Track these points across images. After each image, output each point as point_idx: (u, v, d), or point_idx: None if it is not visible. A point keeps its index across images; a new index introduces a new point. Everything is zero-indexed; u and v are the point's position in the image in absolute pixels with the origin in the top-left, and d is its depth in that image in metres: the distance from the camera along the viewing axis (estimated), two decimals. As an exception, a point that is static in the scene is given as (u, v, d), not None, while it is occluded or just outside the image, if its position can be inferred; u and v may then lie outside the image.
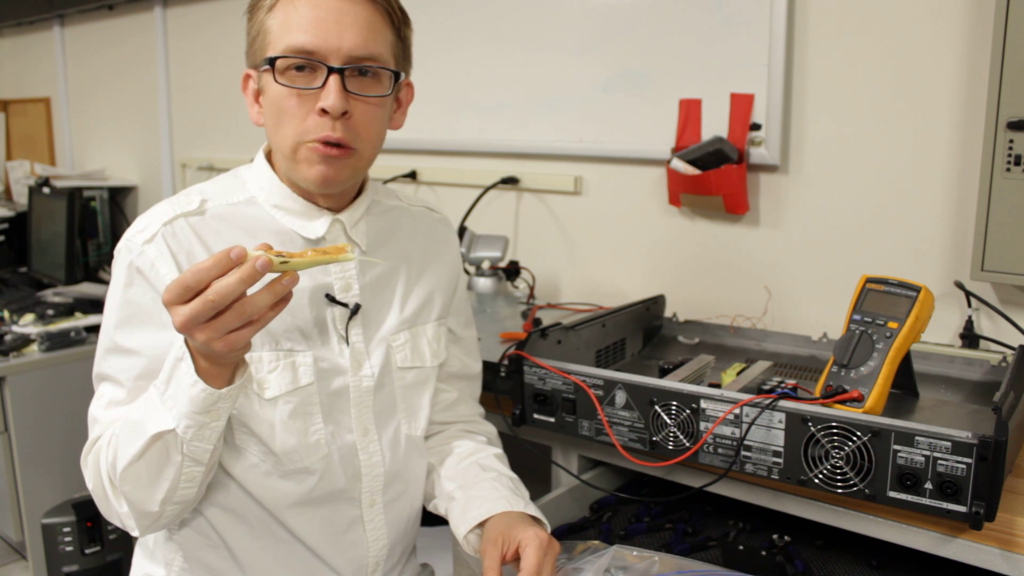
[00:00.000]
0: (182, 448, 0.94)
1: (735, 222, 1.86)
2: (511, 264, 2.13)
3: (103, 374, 1.06)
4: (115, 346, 1.04)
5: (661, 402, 1.17)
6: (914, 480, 0.99)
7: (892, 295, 1.17)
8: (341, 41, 1.01)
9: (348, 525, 1.15)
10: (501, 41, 2.18)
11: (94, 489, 1.04)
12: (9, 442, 2.47)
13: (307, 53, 1.00)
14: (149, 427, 0.93)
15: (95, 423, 1.05)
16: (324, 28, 1.00)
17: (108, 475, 1.00)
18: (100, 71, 3.72)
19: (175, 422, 0.92)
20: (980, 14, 1.49)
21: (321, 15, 1.01)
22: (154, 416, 0.94)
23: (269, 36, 1.03)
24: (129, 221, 3.53)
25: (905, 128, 1.60)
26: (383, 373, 1.15)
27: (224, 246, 1.00)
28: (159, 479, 0.97)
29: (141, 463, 0.95)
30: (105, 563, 2.37)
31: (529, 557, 1.00)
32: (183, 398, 0.91)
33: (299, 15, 1.01)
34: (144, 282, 1.02)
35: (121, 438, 0.97)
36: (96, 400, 1.06)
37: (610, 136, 2.02)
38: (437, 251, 1.26)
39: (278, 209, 1.10)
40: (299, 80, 1.02)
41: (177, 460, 0.95)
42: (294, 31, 1.01)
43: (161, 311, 0.98)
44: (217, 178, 1.15)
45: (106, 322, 1.06)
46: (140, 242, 1.03)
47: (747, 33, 1.75)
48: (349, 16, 1.02)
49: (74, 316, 2.67)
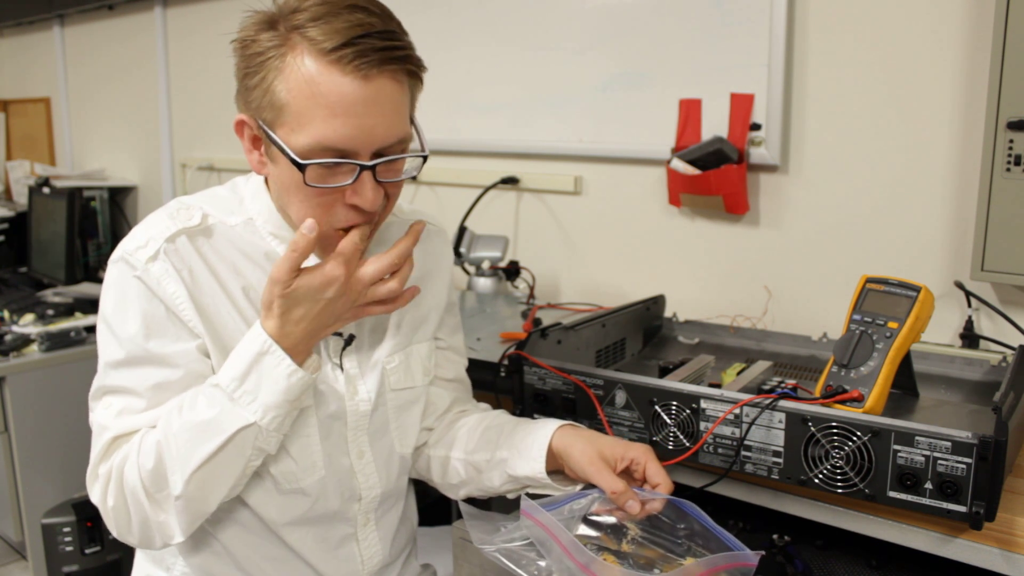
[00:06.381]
0: (255, 441, 0.96)
1: (735, 222, 1.86)
2: (511, 264, 2.13)
3: (112, 387, 1.02)
4: (140, 357, 1.00)
5: (661, 402, 1.17)
6: (914, 480, 0.99)
7: (892, 295, 1.17)
8: (373, 136, 0.93)
9: (341, 541, 1.15)
10: (501, 41, 2.18)
11: (115, 505, 0.99)
12: (9, 442, 2.47)
13: (338, 153, 0.92)
14: (227, 425, 0.94)
15: (104, 431, 1.01)
16: (353, 122, 0.91)
17: (146, 483, 0.97)
18: (100, 71, 3.72)
19: (257, 415, 0.95)
20: (980, 14, 1.49)
21: (348, 104, 0.90)
22: (230, 414, 0.95)
23: (286, 112, 0.92)
24: (129, 221, 3.56)
25: (905, 128, 1.60)
26: (377, 395, 1.14)
27: (224, 267, 1.04)
28: (229, 476, 0.98)
29: (215, 463, 0.95)
30: (105, 563, 2.37)
31: (659, 473, 1.01)
32: (275, 389, 0.95)
33: (324, 100, 0.90)
34: (154, 297, 1.00)
35: (181, 442, 0.95)
36: (103, 410, 1.02)
37: (610, 136, 2.02)
38: (432, 267, 1.23)
39: (274, 237, 1.07)
40: (328, 178, 0.94)
41: (247, 454, 0.97)
42: (319, 123, 0.90)
43: (176, 326, 1.00)
44: (215, 191, 1.11)
45: (121, 334, 1.00)
46: (143, 259, 0.99)
47: (747, 33, 1.75)
48: (376, 103, 0.92)
49: (74, 316, 2.67)
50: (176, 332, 1.00)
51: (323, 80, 0.90)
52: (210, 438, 0.95)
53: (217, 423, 0.95)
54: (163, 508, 0.98)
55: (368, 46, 0.90)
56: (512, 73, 2.17)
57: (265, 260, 1.06)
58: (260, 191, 1.08)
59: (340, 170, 0.94)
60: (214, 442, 0.95)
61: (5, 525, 2.57)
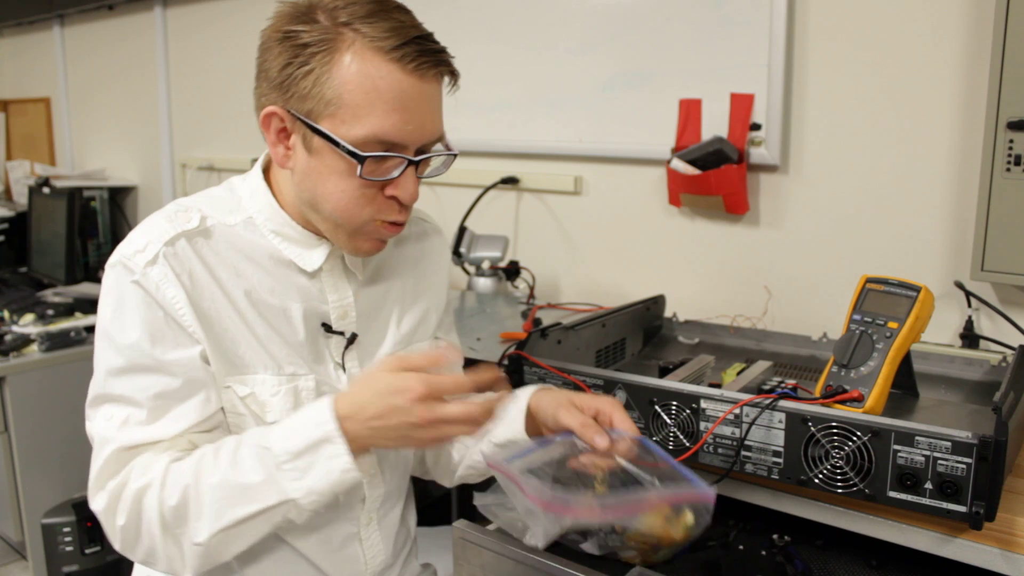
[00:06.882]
0: (288, 514, 0.93)
1: (735, 222, 1.86)
2: (511, 264, 2.14)
3: (112, 396, 0.98)
4: (140, 365, 0.97)
5: (661, 402, 1.17)
6: (914, 480, 0.99)
7: (892, 295, 1.17)
8: (424, 131, 0.97)
9: (344, 541, 1.15)
10: (501, 41, 2.18)
11: (126, 525, 0.95)
12: (9, 442, 2.47)
13: (391, 146, 0.95)
14: (268, 496, 0.92)
15: (106, 443, 0.97)
16: (410, 117, 0.95)
17: (166, 518, 0.94)
18: (100, 71, 3.72)
19: (299, 494, 0.92)
20: (980, 14, 1.49)
21: (407, 100, 0.94)
22: (273, 486, 0.92)
23: (337, 104, 0.93)
24: (129, 221, 3.56)
25: (905, 128, 1.60)
26: None
27: (225, 269, 1.02)
28: (252, 538, 0.96)
29: (245, 526, 0.94)
30: (105, 563, 2.37)
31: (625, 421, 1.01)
32: (326, 479, 0.91)
33: (385, 95, 0.93)
34: (153, 303, 0.98)
35: (216, 497, 0.93)
36: (104, 421, 0.98)
37: (610, 136, 2.02)
38: (428, 266, 1.23)
39: (276, 235, 1.06)
40: (379, 171, 0.97)
41: (277, 522, 0.95)
42: (378, 117, 0.93)
43: (175, 332, 0.98)
44: (211, 192, 1.10)
45: (120, 341, 0.98)
46: (142, 264, 0.97)
47: (747, 33, 1.75)
48: (429, 101, 0.97)
49: (74, 316, 2.67)
50: (176, 338, 0.98)
51: (384, 75, 0.93)
52: (247, 503, 0.92)
53: (258, 491, 0.92)
54: (178, 544, 0.95)
55: (426, 47, 0.95)
56: (512, 73, 2.17)
57: (268, 260, 1.05)
58: (258, 190, 1.07)
59: (389, 163, 0.97)
60: (250, 508, 0.92)
61: (5, 525, 2.57)
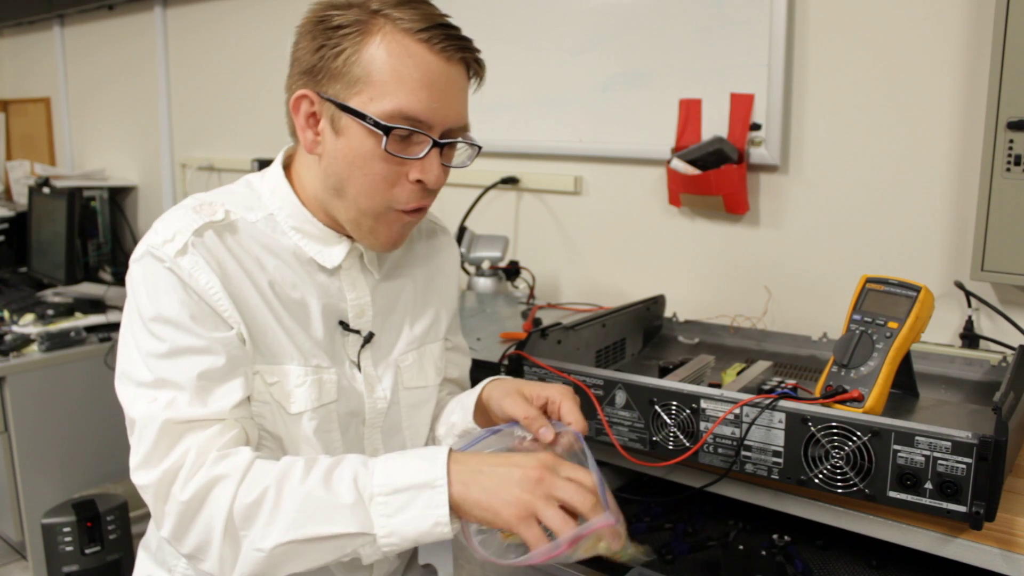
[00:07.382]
0: (359, 548, 0.89)
1: (735, 222, 1.86)
2: (511, 264, 2.14)
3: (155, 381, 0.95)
4: (182, 347, 0.95)
5: (661, 402, 1.17)
6: (914, 480, 0.99)
7: (892, 295, 1.17)
8: (448, 113, 0.98)
9: None
10: (501, 41, 2.18)
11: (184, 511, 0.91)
12: (9, 442, 2.47)
13: (416, 123, 0.97)
14: (349, 522, 0.88)
15: (152, 420, 0.93)
16: (436, 96, 0.97)
17: (235, 513, 0.90)
18: (100, 71, 3.72)
19: (381, 531, 0.88)
20: (980, 14, 1.49)
21: (433, 79, 0.97)
22: (358, 513, 0.88)
23: (365, 82, 0.96)
24: (129, 221, 3.56)
25: (905, 128, 1.60)
26: (392, 392, 1.15)
27: (250, 261, 1.02)
28: (314, 562, 0.90)
29: (314, 545, 0.89)
30: (105, 563, 2.37)
31: (572, 412, 1.00)
32: (415, 525, 0.87)
33: (412, 72, 0.96)
34: (189, 288, 0.97)
35: (297, 503, 0.89)
36: (147, 404, 0.94)
37: (610, 136, 2.02)
38: (439, 265, 1.25)
39: (297, 232, 1.06)
40: (403, 149, 0.98)
41: (345, 553, 0.89)
42: (406, 92, 0.95)
43: (212, 315, 0.97)
44: (230, 188, 1.10)
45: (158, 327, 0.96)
46: (172, 253, 0.97)
47: (747, 33, 1.75)
48: (455, 84, 0.99)
49: (74, 316, 2.67)
50: (214, 321, 0.97)
51: (412, 54, 0.96)
52: (326, 523, 0.88)
53: (342, 514, 0.88)
54: (236, 545, 0.90)
55: (452, 32, 1.00)
56: (512, 73, 2.17)
57: (289, 256, 1.05)
58: (279, 187, 1.07)
59: (414, 141, 0.98)
60: (328, 529, 0.88)
61: (5, 525, 2.57)
